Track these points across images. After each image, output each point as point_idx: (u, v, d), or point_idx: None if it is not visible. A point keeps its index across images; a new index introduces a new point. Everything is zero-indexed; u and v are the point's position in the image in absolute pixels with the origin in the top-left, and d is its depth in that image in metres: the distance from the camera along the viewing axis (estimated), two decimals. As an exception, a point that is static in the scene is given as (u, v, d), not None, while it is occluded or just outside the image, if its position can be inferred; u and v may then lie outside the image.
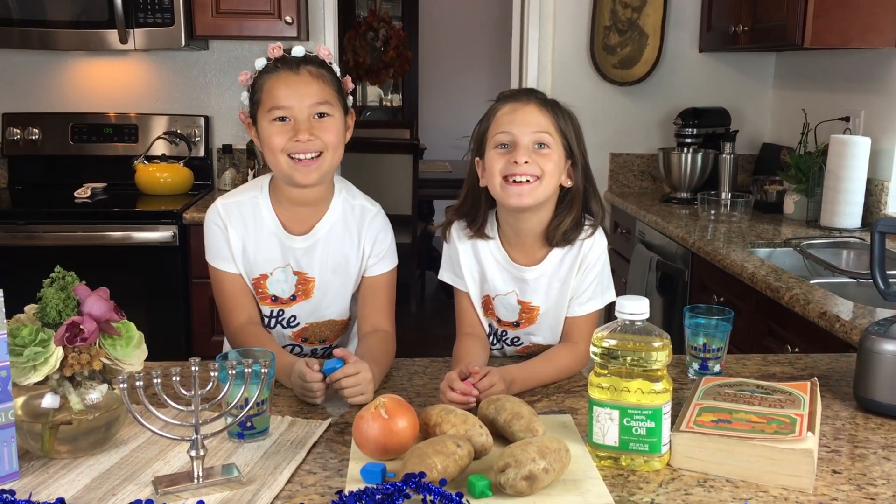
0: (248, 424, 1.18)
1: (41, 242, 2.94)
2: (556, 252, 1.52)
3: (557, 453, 1.03)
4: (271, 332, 1.63)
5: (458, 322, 1.59)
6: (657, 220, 2.98)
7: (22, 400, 1.16)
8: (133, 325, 1.21)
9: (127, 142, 3.47)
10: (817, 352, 1.66)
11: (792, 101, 3.40)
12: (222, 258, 1.59)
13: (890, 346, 1.26)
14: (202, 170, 3.49)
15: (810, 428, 1.09)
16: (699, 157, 3.32)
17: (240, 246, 1.58)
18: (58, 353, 1.12)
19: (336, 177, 1.65)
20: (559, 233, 1.49)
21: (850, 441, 1.20)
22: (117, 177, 3.37)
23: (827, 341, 1.79)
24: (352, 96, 1.62)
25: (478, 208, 1.54)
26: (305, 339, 1.68)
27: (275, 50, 1.55)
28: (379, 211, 1.66)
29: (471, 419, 1.12)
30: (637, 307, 1.10)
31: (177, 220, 2.96)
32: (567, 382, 1.45)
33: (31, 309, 1.17)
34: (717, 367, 1.45)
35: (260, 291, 1.62)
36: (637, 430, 1.09)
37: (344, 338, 1.74)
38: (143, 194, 3.30)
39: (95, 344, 1.14)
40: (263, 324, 1.64)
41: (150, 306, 2.96)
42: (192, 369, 1.06)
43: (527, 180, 1.42)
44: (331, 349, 1.69)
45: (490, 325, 1.60)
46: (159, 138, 3.42)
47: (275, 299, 1.62)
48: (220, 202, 1.60)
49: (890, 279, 1.36)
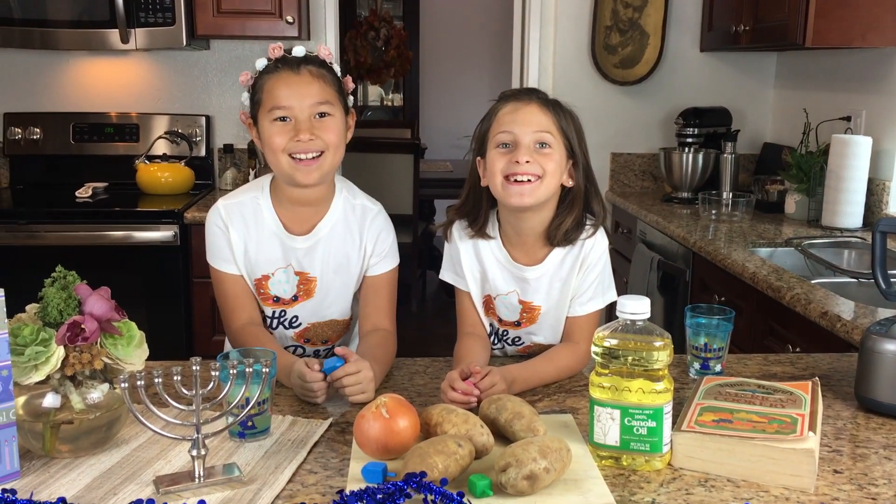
0: (250, 424, 1.18)
1: (42, 242, 2.94)
2: (558, 252, 1.52)
3: (558, 453, 1.03)
4: (273, 334, 1.63)
5: (459, 322, 1.59)
6: (658, 220, 2.98)
7: (23, 399, 1.16)
8: (134, 324, 1.21)
9: (128, 141, 3.47)
10: (818, 351, 1.65)
11: (793, 100, 3.40)
12: (223, 259, 1.59)
13: (891, 346, 1.26)
14: (203, 169, 3.49)
15: (811, 428, 1.09)
16: (700, 156, 3.31)
17: (241, 247, 1.58)
18: (59, 352, 1.12)
19: (337, 176, 1.65)
20: (560, 232, 1.49)
21: (852, 441, 1.20)
22: (118, 176, 3.37)
23: (828, 341, 1.79)
24: (353, 96, 1.62)
25: (479, 208, 1.54)
26: (308, 340, 1.68)
27: (275, 50, 1.55)
28: (380, 210, 1.66)
29: (472, 419, 1.12)
30: (638, 307, 1.10)
31: (178, 219, 2.97)
32: (568, 382, 1.45)
33: (32, 308, 1.17)
34: (718, 367, 1.45)
35: (262, 292, 1.62)
36: (638, 430, 1.09)
37: (346, 338, 1.74)
38: (144, 194, 3.30)
39: (97, 343, 1.14)
40: (266, 325, 1.64)
41: (151, 306, 2.96)
42: (194, 369, 1.06)
43: (528, 180, 1.42)
44: (333, 349, 1.68)
45: (491, 324, 1.60)
46: (160, 138, 3.42)
47: (277, 300, 1.62)
48: (222, 203, 1.60)
49: (891, 279, 1.36)
